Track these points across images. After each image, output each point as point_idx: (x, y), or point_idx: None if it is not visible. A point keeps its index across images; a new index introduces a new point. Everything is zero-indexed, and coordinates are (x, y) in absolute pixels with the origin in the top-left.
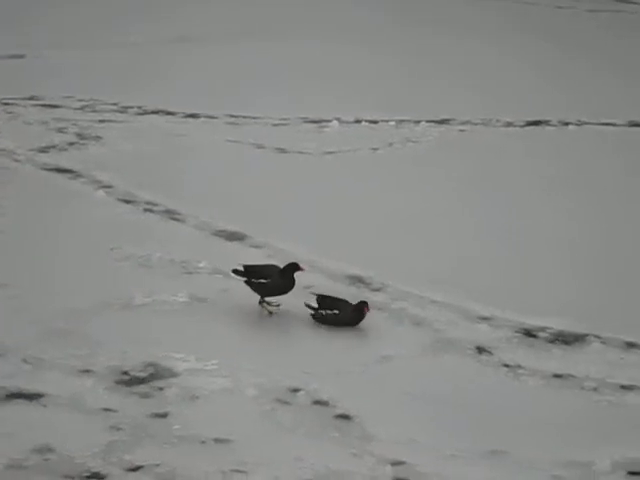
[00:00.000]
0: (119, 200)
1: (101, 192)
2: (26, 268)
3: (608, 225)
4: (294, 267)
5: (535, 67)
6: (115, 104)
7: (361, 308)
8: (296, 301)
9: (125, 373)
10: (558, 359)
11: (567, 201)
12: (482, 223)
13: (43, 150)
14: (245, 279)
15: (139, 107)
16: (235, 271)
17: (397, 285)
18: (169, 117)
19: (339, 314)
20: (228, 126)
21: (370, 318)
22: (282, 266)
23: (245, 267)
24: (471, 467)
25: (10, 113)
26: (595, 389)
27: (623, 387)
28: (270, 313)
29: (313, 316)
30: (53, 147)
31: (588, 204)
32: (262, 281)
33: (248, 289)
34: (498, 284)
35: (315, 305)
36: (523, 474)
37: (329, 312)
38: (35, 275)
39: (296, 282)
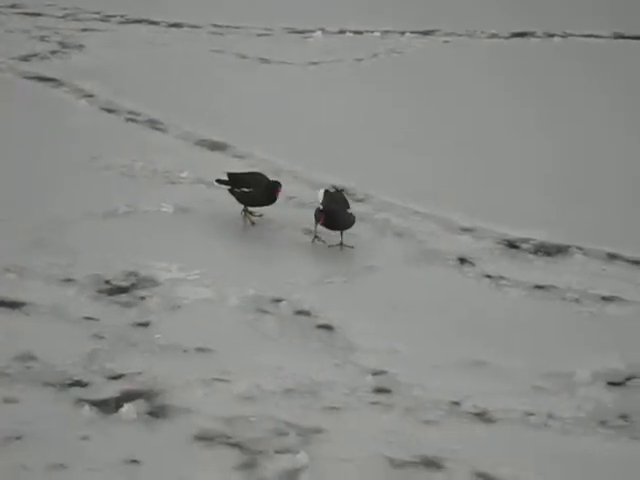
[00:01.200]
0: (101, 109)
1: (83, 101)
2: (7, 178)
3: (590, 137)
4: (277, 185)
5: None
6: (98, 13)
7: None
8: (280, 211)
9: (107, 282)
10: (540, 270)
11: (550, 114)
12: (466, 136)
13: (25, 58)
14: (229, 188)
15: (122, 16)
16: (219, 180)
17: (380, 196)
18: (152, 26)
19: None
20: (211, 36)
21: (354, 229)
22: (266, 175)
23: (229, 175)
24: (452, 377)
25: None
26: (577, 300)
27: (604, 298)
28: (252, 223)
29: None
30: (35, 55)
31: (571, 117)
32: (245, 190)
33: (231, 199)
34: (481, 196)
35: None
36: (504, 384)
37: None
38: (16, 185)
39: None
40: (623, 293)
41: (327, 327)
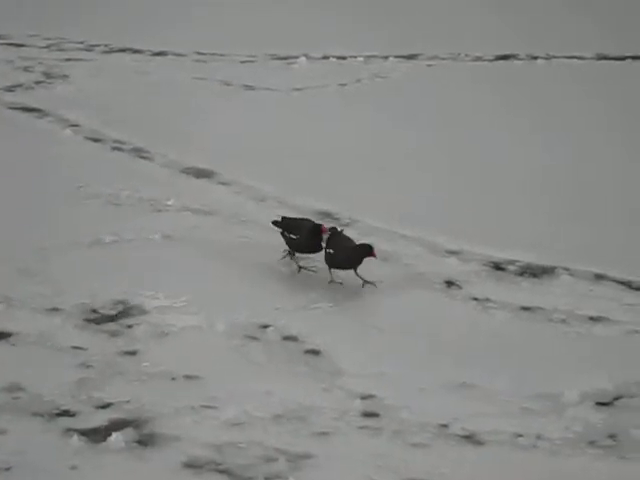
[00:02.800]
0: (86, 139)
1: (68, 131)
2: None
3: (577, 158)
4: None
5: (502, 1)
6: (81, 42)
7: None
8: (265, 236)
9: (94, 311)
10: (527, 292)
11: (536, 135)
12: (451, 159)
13: (9, 89)
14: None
15: (106, 45)
16: (275, 222)
17: (366, 220)
18: (136, 55)
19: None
20: (195, 63)
21: None
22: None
23: (282, 219)
24: (440, 400)
25: None
26: (564, 321)
27: (592, 319)
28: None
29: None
30: (19, 86)
31: (557, 138)
32: (292, 237)
33: (215, 227)
34: (466, 218)
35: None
36: (492, 406)
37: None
38: (1, 214)
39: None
40: (610, 313)
41: (314, 352)
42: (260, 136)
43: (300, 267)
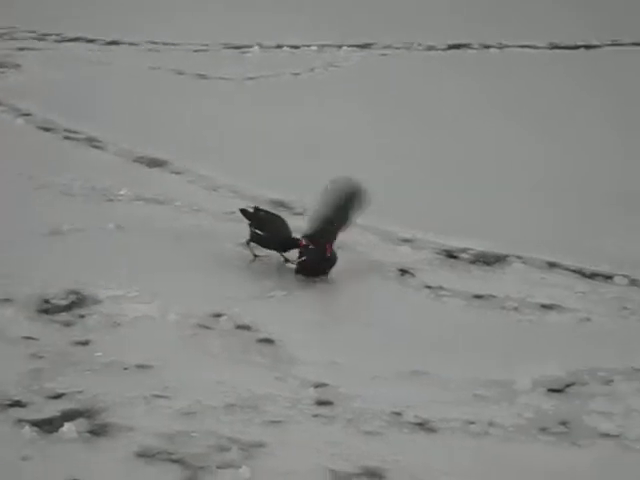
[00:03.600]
0: (38, 128)
1: (20, 120)
2: None
3: (529, 146)
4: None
5: None
6: (34, 32)
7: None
8: (218, 225)
9: (46, 301)
10: (479, 280)
11: (487, 122)
12: (404, 147)
13: None
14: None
15: (58, 35)
16: (244, 211)
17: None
18: (89, 44)
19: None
20: (149, 53)
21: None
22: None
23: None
24: (393, 387)
25: None
26: (516, 309)
27: (544, 306)
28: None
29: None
30: None
31: (511, 125)
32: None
33: (168, 216)
34: (419, 206)
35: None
36: (444, 394)
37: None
38: None
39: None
40: (562, 301)
41: (268, 341)
42: (213, 125)
43: (255, 255)
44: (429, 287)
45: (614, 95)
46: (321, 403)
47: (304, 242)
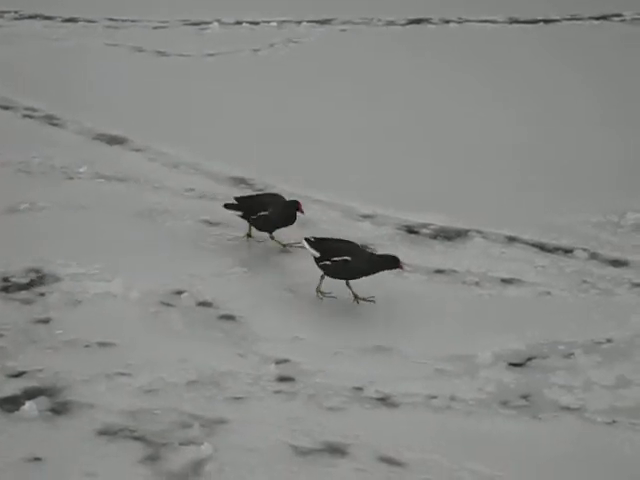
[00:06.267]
0: None
1: None
2: None
3: (488, 122)
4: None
5: None
6: None
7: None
8: (179, 202)
9: (6, 280)
10: (440, 255)
11: (447, 97)
12: (365, 123)
13: None
14: (241, 214)
15: (16, 12)
16: (228, 205)
17: (281, 186)
18: (47, 22)
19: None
20: (107, 30)
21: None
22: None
23: (238, 200)
24: (355, 363)
25: None
26: (477, 283)
27: (504, 280)
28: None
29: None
30: None
31: (468, 101)
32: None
33: (128, 193)
34: (380, 183)
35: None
36: (407, 369)
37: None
38: None
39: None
40: (522, 275)
41: (229, 317)
42: (174, 102)
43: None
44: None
45: (574, 68)
46: (282, 379)
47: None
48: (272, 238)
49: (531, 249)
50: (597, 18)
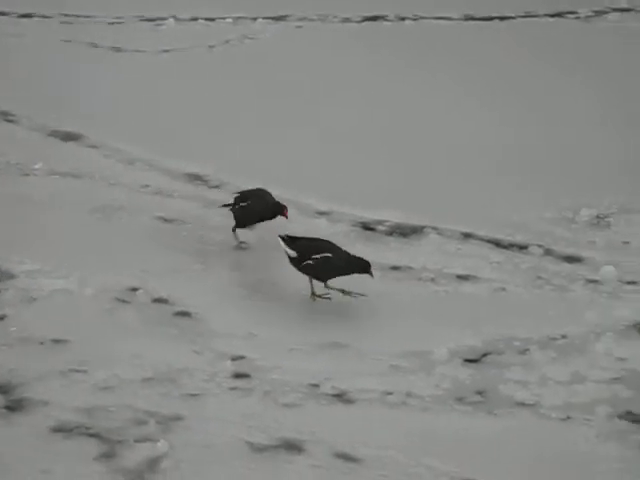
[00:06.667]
0: None
1: None
2: None
3: (444, 118)
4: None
5: None
6: None
7: None
8: (134, 199)
9: None
10: (396, 251)
11: (402, 94)
12: (319, 120)
13: None
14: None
15: None
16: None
17: (236, 182)
18: (2, 17)
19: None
20: (62, 26)
21: (211, 215)
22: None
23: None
24: (311, 359)
25: None
26: (432, 279)
27: (459, 277)
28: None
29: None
30: None
31: (424, 97)
32: (243, 204)
33: (83, 190)
34: (336, 180)
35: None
36: (363, 365)
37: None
38: None
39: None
40: (478, 271)
41: (185, 314)
42: (129, 98)
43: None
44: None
45: (529, 64)
46: (238, 376)
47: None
48: (233, 231)
49: (486, 245)
50: (552, 15)
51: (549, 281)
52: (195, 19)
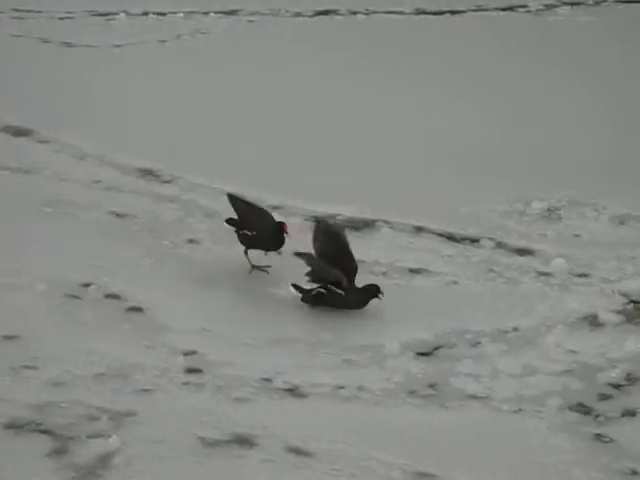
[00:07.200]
0: None
1: None
2: None
3: (395, 112)
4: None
5: None
6: None
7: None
8: (85, 194)
9: None
10: None
11: (355, 88)
12: (271, 114)
13: None
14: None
15: None
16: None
17: (188, 177)
18: None
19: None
20: (13, 21)
21: (163, 210)
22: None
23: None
24: (263, 354)
25: None
26: (384, 273)
27: (411, 270)
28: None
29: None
30: None
31: (375, 91)
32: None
33: (34, 185)
34: (287, 173)
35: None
36: (315, 359)
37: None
38: None
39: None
40: (430, 265)
41: (137, 310)
42: (80, 94)
43: (253, 266)
44: (298, 254)
45: (481, 57)
46: (190, 371)
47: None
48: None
49: (438, 239)
50: (503, 9)
51: (501, 274)
52: (146, 14)
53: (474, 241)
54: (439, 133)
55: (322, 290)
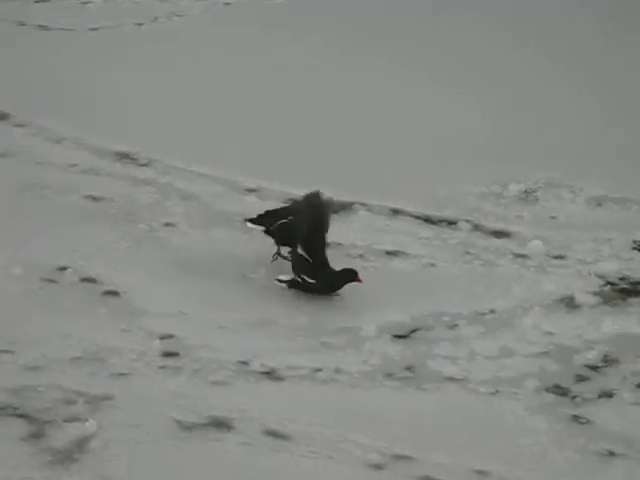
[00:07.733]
0: None
1: None
2: None
3: (365, 94)
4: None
5: None
6: None
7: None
8: (61, 177)
9: None
10: None
11: (330, 71)
12: (249, 97)
13: None
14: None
15: None
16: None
17: (164, 160)
18: None
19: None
20: None
21: (139, 194)
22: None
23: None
24: (240, 337)
25: None
26: (361, 256)
27: (388, 253)
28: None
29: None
30: None
31: (352, 74)
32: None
33: (10, 169)
34: (264, 156)
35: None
36: (292, 342)
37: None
38: None
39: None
40: (406, 247)
41: (114, 293)
42: (56, 76)
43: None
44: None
45: (466, 48)
46: (167, 354)
47: None
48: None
49: (415, 221)
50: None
51: (478, 256)
52: None
53: (451, 223)
54: (415, 116)
55: (298, 279)
